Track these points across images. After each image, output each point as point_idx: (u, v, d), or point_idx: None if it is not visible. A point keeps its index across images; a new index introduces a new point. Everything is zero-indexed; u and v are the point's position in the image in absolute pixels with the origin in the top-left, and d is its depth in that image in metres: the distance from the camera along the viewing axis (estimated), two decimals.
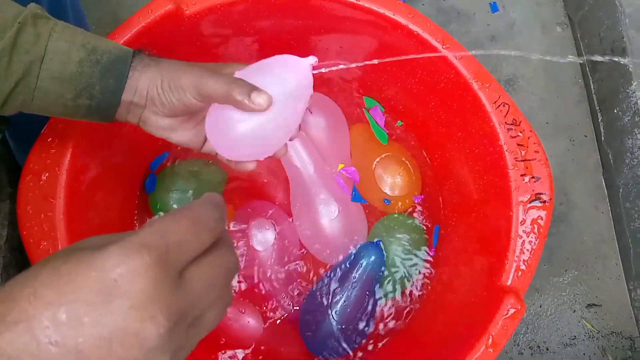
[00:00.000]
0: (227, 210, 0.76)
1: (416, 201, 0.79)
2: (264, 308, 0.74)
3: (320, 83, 0.81)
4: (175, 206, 0.73)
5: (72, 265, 0.22)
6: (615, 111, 0.89)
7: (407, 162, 0.79)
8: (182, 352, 0.24)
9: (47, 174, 0.55)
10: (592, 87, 0.96)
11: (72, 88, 0.43)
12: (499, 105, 0.62)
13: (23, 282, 0.22)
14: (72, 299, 0.21)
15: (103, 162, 0.61)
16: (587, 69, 0.97)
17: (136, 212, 0.74)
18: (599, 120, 0.94)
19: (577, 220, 0.93)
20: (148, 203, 0.74)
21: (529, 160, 0.61)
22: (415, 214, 0.79)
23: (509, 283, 0.58)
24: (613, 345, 0.89)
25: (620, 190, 0.90)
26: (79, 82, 0.43)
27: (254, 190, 0.79)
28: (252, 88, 0.41)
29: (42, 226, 0.54)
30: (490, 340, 0.54)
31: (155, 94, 0.44)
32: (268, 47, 0.73)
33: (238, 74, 0.44)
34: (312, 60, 0.42)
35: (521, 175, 0.61)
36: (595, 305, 0.91)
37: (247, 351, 0.71)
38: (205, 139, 0.49)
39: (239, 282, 0.74)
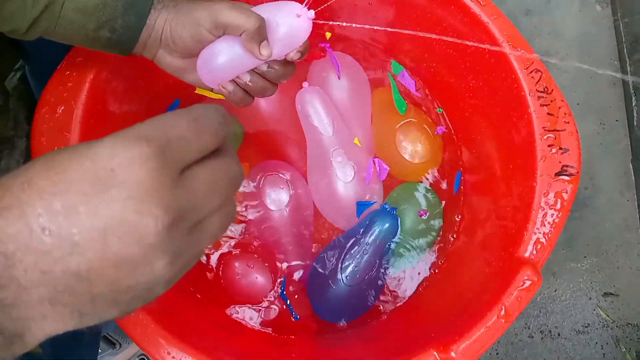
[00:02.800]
0: (243, 168, 0.75)
1: (435, 174, 0.77)
2: (274, 267, 0.73)
3: (345, 44, 0.79)
4: None
5: (67, 155, 0.21)
6: None
7: (429, 130, 0.77)
8: (181, 259, 0.23)
9: (62, 107, 0.54)
10: (628, 69, 0.92)
11: (95, 20, 0.44)
12: (531, 72, 0.60)
13: (17, 173, 0.21)
14: (66, 187, 0.20)
15: (119, 100, 0.60)
16: (625, 49, 0.93)
17: None
18: (633, 105, 0.91)
19: (600, 206, 0.90)
20: None
21: (559, 130, 0.58)
22: (434, 183, 0.76)
23: (526, 255, 0.56)
24: (627, 336, 0.86)
25: None
26: (102, 15, 0.43)
27: (271, 148, 0.77)
28: (262, 38, 0.44)
29: None
30: (503, 311, 0.52)
31: (168, 32, 0.45)
32: None
33: None
34: (310, 14, 0.44)
35: (549, 146, 0.58)
36: (612, 294, 0.88)
37: (256, 307, 0.70)
38: None
39: (253, 239, 0.73)
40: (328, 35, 0.78)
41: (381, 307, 0.71)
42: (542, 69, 0.60)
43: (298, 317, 0.71)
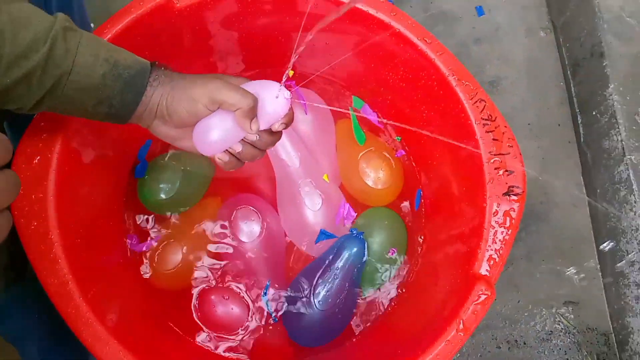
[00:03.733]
0: (214, 202, 0.79)
1: (401, 202, 0.81)
2: (249, 298, 0.76)
3: (309, 80, 0.84)
4: (163, 196, 0.76)
5: None
6: (594, 113, 0.92)
7: (389, 157, 0.81)
8: None
9: (38, 157, 0.57)
10: (572, 89, 0.99)
11: (94, 97, 0.47)
12: (476, 102, 0.65)
13: None
14: None
15: (93, 148, 0.63)
16: (569, 72, 1.00)
17: (124, 198, 0.76)
18: (579, 122, 0.97)
19: (556, 219, 0.96)
20: (137, 190, 0.76)
21: (504, 154, 0.64)
22: (397, 206, 0.81)
23: (481, 271, 0.60)
24: (589, 340, 0.91)
25: (598, 190, 0.93)
26: (101, 93, 0.47)
27: (240, 183, 0.81)
28: (254, 115, 0.49)
29: (33, 206, 0.56)
30: (461, 325, 0.56)
31: (164, 106, 0.49)
32: (256, 42, 0.76)
33: None
34: (287, 95, 0.51)
35: (495, 169, 0.63)
36: (572, 302, 0.93)
37: (232, 336, 0.73)
38: None
39: (228, 271, 0.76)
40: (291, 73, 0.82)
41: (354, 328, 0.75)
42: (486, 98, 0.65)
43: (277, 319, 0.74)
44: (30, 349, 0.55)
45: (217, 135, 0.50)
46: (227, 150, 0.53)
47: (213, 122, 0.50)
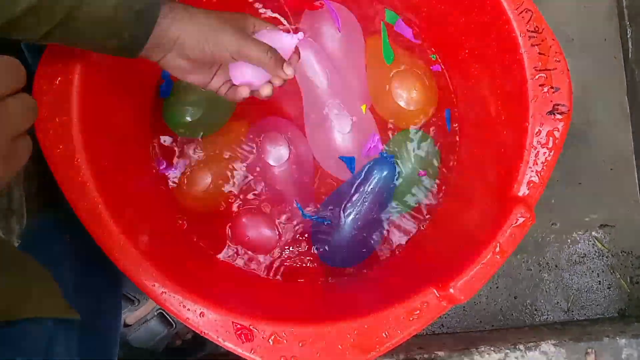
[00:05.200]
0: (241, 125, 0.77)
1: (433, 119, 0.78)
2: (278, 221, 0.75)
3: None
4: (188, 118, 0.74)
5: None
6: None
7: (423, 75, 0.77)
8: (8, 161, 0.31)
9: (59, 79, 0.55)
10: (624, 0, 0.91)
11: (105, 30, 0.46)
12: (522, 12, 0.60)
13: None
14: None
15: (115, 66, 0.61)
16: None
17: (151, 120, 0.74)
18: (628, 37, 0.90)
19: (596, 139, 0.92)
20: (162, 110, 0.74)
21: (549, 70, 0.59)
22: (431, 129, 0.78)
23: (520, 193, 0.58)
24: (622, 263, 0.90)
25: None
26: (111, 26, 0.46)
27: (267, 105, 0.78)
28: (283, 61, 0.52)
29: (57, 130, 0.54)
30: (498, 248, 0.55)
31: (185, 41, 0.48)
32: None
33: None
34: (300, 36, 0.55)
35: (540, 86, 0.59)
36: (608, 225, 0.91)
37: (265, 256, 0.73)
38: (210, 80, 0.55)
39: (257, 195, 0.75)
40: None
41: (383, 251, 0.74)
42: (533, 8, 0.60)
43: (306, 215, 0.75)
44: (65, 273, 0.56)
45: (248, 77, 0.54)
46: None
47: (247, 68, 0.53)
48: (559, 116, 0.59)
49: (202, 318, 0.53)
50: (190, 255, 0.68)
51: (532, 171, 0.58)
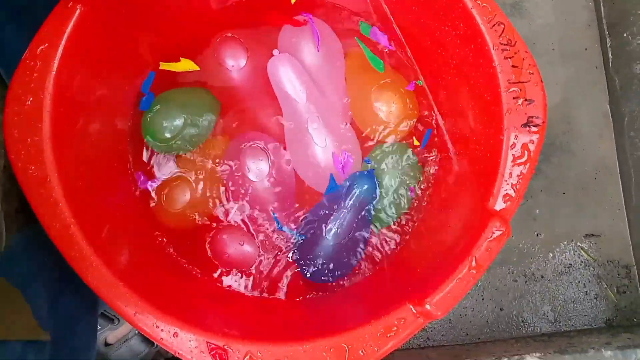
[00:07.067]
0: (222, 141, 0.77)
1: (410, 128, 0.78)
2: (258, 237, 0.75)
3: (315, 6, 0.79)
4: (168, 135, 0.73)
5: None
6: (625, 35, 0.85)
7: (402, 90, 0.77)
8: None
9: (31, 99, 0.55)
10: (602, 10, 0.91)
11: None
12: (494, 25, 0.60)
13: None
14: None
15: (89, 84, 0.61)
16: None
17: (129, 136, 0.74)
18: (608, 46, 0.90)
19: (579, 150, 0.92)
20: (140, 127, 0.74)
21: (523, 82, 0.59)
22: (411, 142, 0.78)
23: (496, 207, 0.57)
24: (609, 273, 0.89)
25: (626, 118, 0.87)
26: None
27: (248, 121, 0.78)
28: None
29: (29, 150, 0.54)
30: (474, 262, 0.54)
31: None
32: None
33: None
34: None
35: (514, 98, 0.59)
36: (593, 235, 0.91)
37: (246, 271, 0.73)
38: None
39: (237, 211, 0.75)
40: (292, 0, 0.77)
41: (363, 266, 0.74)
42: (505, 21, 0.60)
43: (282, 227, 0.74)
44: (37, 293, 0.55)
45: None
46: None
47: None
48: (534, 128, 0.59)
49: (175, 338, 0.52)
50: (168, 273, 0.68)
51: (508, 184, 0.58)
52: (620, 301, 0.89)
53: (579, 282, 0.89)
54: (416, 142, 0.78)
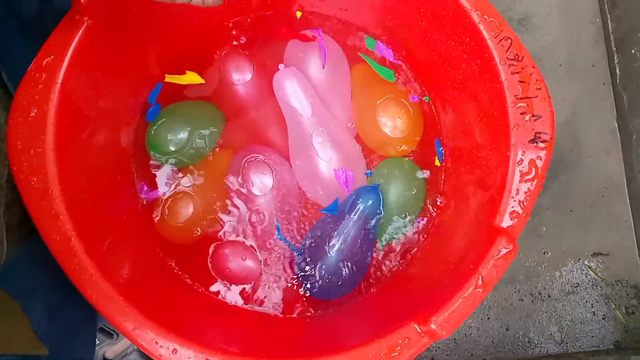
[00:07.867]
0: (226, 155, 0.76)
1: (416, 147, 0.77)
2: (261, 252, 0.74)
3: (317, 22, 0.79)
4: (172, 148, 0.73)
5: None
6: (633, 51, 0.85)
7: (407, 104, 0.77)
8: None
9: (35, 110, 0.54)
10: (609, 26, 0.91)
11: None
12: (501, 40, 0.59)
13: None
14: None
15: (94, 96, 0.60)
16: (606, 6, 0.92)
17: (133, 149, 0.73)
18: (615, 62, 0.90)
19: (586, 167, 0.91)
20: (144, 139, 0.74)
21: (530, 97, 0.59)
22: (414, 157, 0.77)
23: (503, 224, 0.56)
24: (617, 293, 0.88)
25: (634, 135, 0.86)
26: None
27: (252, 134, 0.78)
28: None
29: (32, 162, 0.54)
30: (480, 281, 0.53)
31: None
32: None
33: None
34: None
35: (521, 114, 0.58)
36: (601, 254, 0.89)
37: (247, 286, 0.72)
38: None
39: (240, 225, 0.74)
40: (299, 14, 0.77)
41: (368, 283, 0.73)
42: (512, 36, 0.60)
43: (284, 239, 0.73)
44: (36, 306, 0.54)
45: None
46: None
47: None
48: (541, 144, 0.58)
49: (174, 355, 0.51)
50: (168, 287, 0.67)
51: (515, 201, 0.57)
52: (629, 322, 0.87)
53: (586, 302, 0.87)
54: (417, 158, 0.77)
